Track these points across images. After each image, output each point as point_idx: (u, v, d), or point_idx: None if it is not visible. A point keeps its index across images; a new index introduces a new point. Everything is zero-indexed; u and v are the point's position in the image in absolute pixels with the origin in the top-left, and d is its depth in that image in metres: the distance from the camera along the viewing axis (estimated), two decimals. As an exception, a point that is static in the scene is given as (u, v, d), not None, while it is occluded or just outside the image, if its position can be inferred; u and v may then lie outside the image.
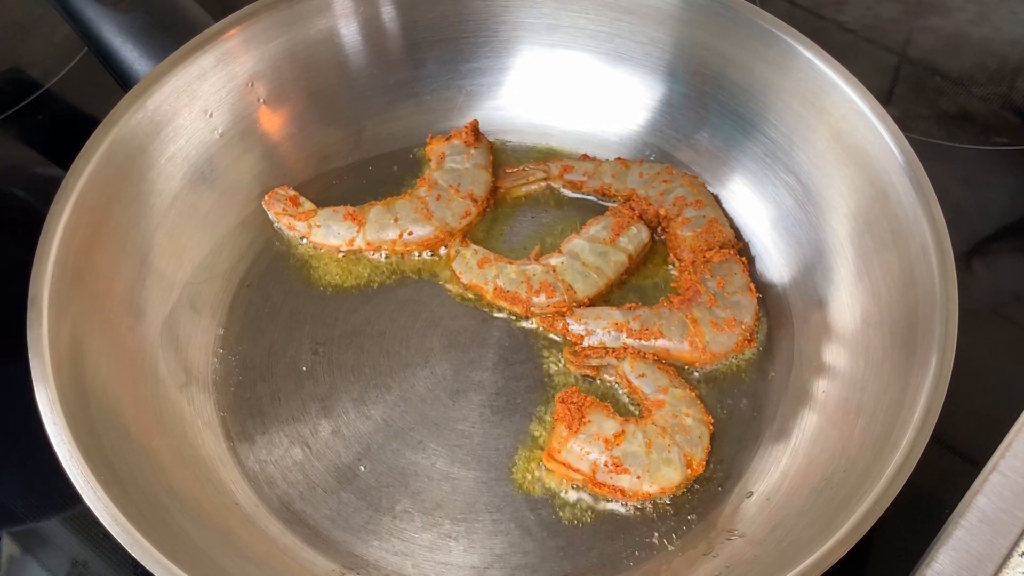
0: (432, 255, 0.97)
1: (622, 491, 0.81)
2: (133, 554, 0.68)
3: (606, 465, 0.80)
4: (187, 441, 0.84)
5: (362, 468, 0.85)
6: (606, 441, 0.81)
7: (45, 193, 0.83)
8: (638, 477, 0.80)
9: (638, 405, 0.87)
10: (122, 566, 0.82)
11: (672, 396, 0.85)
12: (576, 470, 0.82)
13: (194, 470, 0.82)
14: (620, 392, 0.88)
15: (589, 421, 0.82)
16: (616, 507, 0.82)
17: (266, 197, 0.98)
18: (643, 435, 0.82)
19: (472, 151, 1.01)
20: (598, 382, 0.89)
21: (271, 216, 0.98)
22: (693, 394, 0.86)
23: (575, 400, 0.83)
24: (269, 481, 0.84)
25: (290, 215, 0.97)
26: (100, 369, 0.80)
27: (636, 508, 0.82)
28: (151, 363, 0.85)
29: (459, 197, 0.98)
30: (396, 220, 0.96)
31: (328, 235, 0.96)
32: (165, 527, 0.73)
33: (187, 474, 0.81)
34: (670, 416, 0.84)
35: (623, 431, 0.82)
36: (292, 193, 0.98)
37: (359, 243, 0.96)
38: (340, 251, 0.96)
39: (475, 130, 1.02)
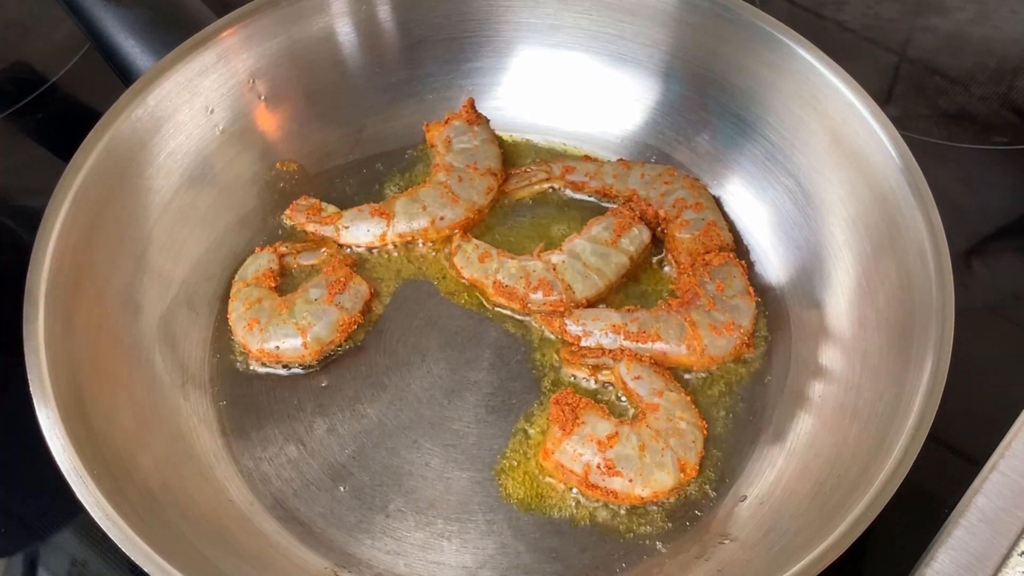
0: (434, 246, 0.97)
1: (614, 494, 0.80)
2: (124, 550, 0.68)
3: (599, 467, 0.80)
4: (182, 437, 0.84)
5: (356, 466, 0.85)
6: (599, 443, 0.81)
7: (48, 189, 0.83)
8: (630, 480, 0.80)
9: (633, 408, 0.87)
10: (122, 566, 0.82)
11: (667, 399, 0.85)
12: (570, 471, 0.81)
13: (188, 466, 0.82)
14: (615, 394, 0.88)
15: (583, 422, 0.82)
16: (609, 509, 0.82)
17: (287, 211, 0.98)
18: (637, 438, 0.82)
19: (476, 128, 1.01)
20: (593, 384, 0.88)
21: (292, 227, 0.98)
22: (688, 398, 0.86)
23: (569, 401, 0.83)
24: (263, 478, 0.84)
25: (315, 222, 0.97)
26: (96, 365, 0.80)
27: (629, 511, 0.81)
28: (147, 359, 0.86)
29: (479, 175, 0.98)
30: (424, 208, 0.96)
31: (358, 234, 0.96)
32: (158, 523, 0.74)
33: (181, 470, 0.81)
34: (664, 420, 0.83)
35: (616, 433, 0.82)
36: (313, 201, 0.98)
37: (391, 237, 0.96)
38: (372, 249, 0.96)
39: (473, 107, 1.02)
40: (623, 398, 0.88)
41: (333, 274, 0.91)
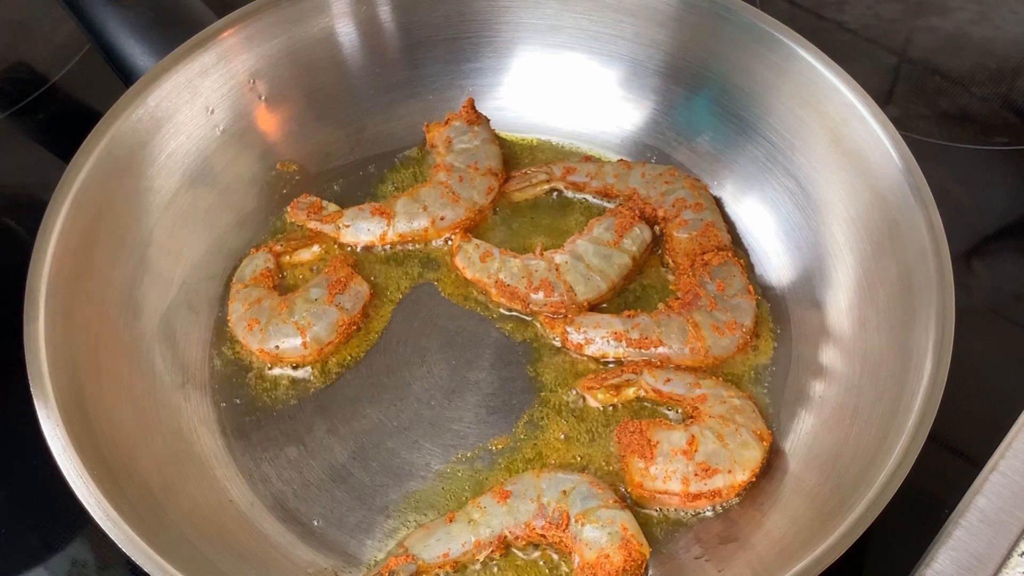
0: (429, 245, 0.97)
1: (719, 492, 0.80)
2: (125, 550, 0.68)
3: (696, 475, 0.79)
4: (182, 438, 0.84)
5: (356, 466, 0.85)
6: (683, 452, 0.80)
7: (48, 190, 0.83)
8: (729, 471, 0.79)
9: (675, 411, 0.87)
10: (122, 566, 0.82)
11: (706, 386, 0.85)
12: (666, 492, 0.80)
13: (189, 467, 0.82)
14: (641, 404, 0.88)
15: (657, 441, 0.81)
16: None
17: (288, 209, 0.98)
18: (710, 431, 0.81)
19: (476, 128, 1.01)
20: (593, 402, 0.88)
21: (293, 225, 0.98)
22: (719, 379, 0.86)
23: (631, 428, 0.82)
24: (264, 478, 0.84)
25: (316, 220, 0.97)
26: (96, 365, 0.80)
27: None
28: (147, 360, 0.86)
29: (479, 175, 0.98)
30: (425, 208, 0.96)
31: (359, 233, 0.96)
32: (159, 523, 0.74)
33: (181, 471, 0.81)
34: (718, 404, 0.83)
35: (693, 436, 0.81)
36: (314, 199, 0.98)
37: (391, 236, 0.96)
38: (372, 248, 0.97)
39: (473, 107, 1.02)
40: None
41: (334, 274, 0.91)
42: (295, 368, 0.90)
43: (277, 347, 0.88)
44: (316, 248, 0.96)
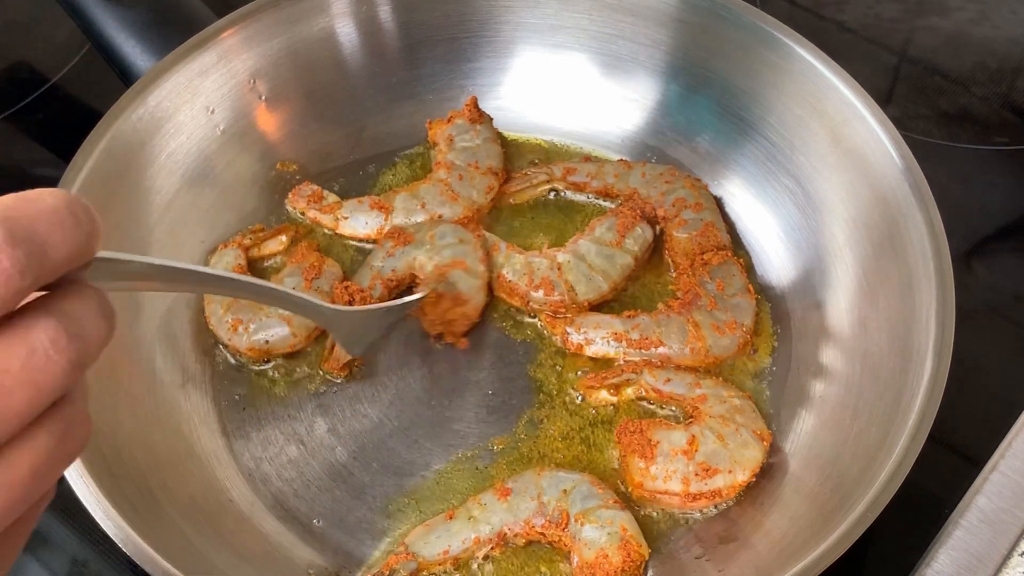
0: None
1: (719, 492, 0.79)
2: (125, 550, 0.68)
3: (696, 474, 0.79)
4: (182, 437, 0.84)
5: (356, 466, 0.85)
6: (684, 452, 0.80)
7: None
8: (729, 471, 0.79)
9: (673, 411, 0.87)
10: (122, 566, 0.82)
11: (707, 386, 0.85)
12: (666, 492, 0.80)
13: (189, 466, 0.82)
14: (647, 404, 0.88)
15: (657, 441, 0.81)
16: (609, 509, 0.82)
17: (289, 195, 0.98)
18: (711, 431, 0.81)
19: (479, 127, 1.01)
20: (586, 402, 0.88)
21: (294, 212, 0.98)
22: (720, 379, 0.86)
23: (632, 428, 0.82)
24: (264, 478, 0.84)
25: (315, 209, 0.97)
26: (96, 365, 0.79)
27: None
28: (148, 359, 0.86)
29: (479, 174, 0.98)
30: (423, 205, 0.96)
31: (356, 225, 0.97)
32: (159, 523, 0.74)
33: (182, 470, 0.81)
34: (718, 404, 0.83)
35: (693, 436, 0.81)
36: (315, 188, 0.98)
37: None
38: (370, 241, 0.97)
39: (476, 106, 1.02)
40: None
41: (304, 260, 0.91)
42: (290, 358, 0.90)
43: (267, 341, 0.88)
44: (284, 238, 0.96)
